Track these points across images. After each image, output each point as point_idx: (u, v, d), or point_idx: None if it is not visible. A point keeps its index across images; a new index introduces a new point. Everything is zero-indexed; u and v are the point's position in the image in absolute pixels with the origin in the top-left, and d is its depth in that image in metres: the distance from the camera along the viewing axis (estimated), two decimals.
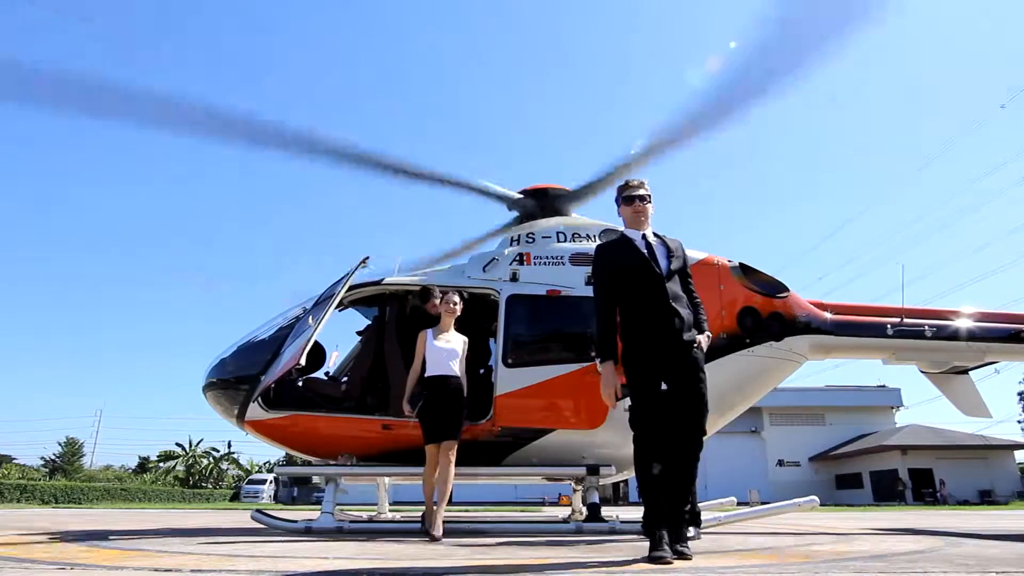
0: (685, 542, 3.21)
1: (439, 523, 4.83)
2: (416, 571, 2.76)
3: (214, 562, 3.11)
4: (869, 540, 4.97)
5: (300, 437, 6.30)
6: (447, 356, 5.24)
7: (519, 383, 6.16)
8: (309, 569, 2.89)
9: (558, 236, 7.11)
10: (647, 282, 3.57)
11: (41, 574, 2.73)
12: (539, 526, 6.49)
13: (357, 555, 3.56)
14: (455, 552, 3.79)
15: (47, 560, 3.22)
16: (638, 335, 3.52)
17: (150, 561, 3.15)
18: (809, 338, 6.84)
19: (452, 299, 5.46)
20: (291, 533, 5.43)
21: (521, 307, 6.48)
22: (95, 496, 31.01)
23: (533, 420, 6.11)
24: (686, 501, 3.44)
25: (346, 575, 2.74)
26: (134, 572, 2.75)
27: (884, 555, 3.55)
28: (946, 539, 5.07)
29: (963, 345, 7.16)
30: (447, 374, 5.20)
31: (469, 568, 2.91)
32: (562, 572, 2.76)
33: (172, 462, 51.62)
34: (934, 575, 2.66)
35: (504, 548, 4.10)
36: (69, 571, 2.78)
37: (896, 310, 7.27)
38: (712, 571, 2.77)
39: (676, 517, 3.27)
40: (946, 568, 2.88)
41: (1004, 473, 36.54)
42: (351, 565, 3.08)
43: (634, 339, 3.53)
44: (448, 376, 5.19)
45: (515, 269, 6.68)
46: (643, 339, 3.50)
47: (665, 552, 3.06)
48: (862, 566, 2.96)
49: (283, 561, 3.25)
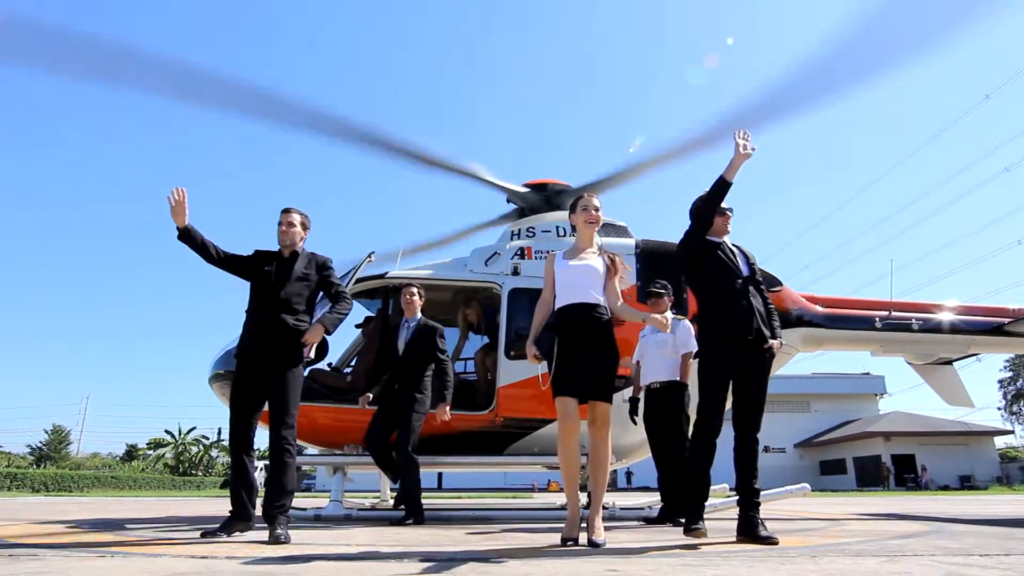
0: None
1: (599, 526, 3.43)
2: (461, 555, 2.92)
3: (244, 549, 3.26)
4: (860, 525, 5.20)
5: (306, 427, 6.42)
6: (584, 278, 3.70)
7: (521, 375, 6.33)
8: (331, 552, 3.05)
9: (558, 230, 7.27)
10: None
11: (82, 560, 2.85)
12: (541, 513, 6.70)
13: (376, 542, 3.72)
14: (469, 539, 3.96)
15: (82, 545, 3.35)
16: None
17: (182, 549, 3.29)
18: (801, 331, 7.07)
19: (592, 203, 3.89)
20: (300, 520, 5.57)
21: (522, 300, 6.64)
22: (85, 484, 30.99)
23: (534, 411, 6.29)
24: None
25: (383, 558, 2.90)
26: (172, 559, 2.88)
27: (876, 540, 3.76)
28: (931, 524, 5.32)
29: (948, 338, 7.43)
30: (588, 301, 3.66)
31: (494, 552, 3.07)
32: (576, 557, 2.94)
33: (162, 450, 51.49)
34: (923, 557, 2.87)
35: (515, 535, 4.28)
36: (110, 558, 2.92)
37: (884, 304, 7.53)
38: (718, 555, 2.96)
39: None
40: (934, 552, 3.09)
41: (984, 459, 37.39)
42: (377, 550, 3.24)
43: None
44: (585, 304, 3.64)
45: (516, 263, 6.84)
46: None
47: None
48: (858, 550, 3.17)
49: (308, 548, 3.41)
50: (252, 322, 4.13)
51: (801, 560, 2.76)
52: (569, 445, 3.49)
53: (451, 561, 2.75)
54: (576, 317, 3.58)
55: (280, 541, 3.59)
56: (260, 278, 4.17)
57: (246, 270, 4.22)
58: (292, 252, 4.23)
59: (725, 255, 3.91)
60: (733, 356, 3.71)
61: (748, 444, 3.73)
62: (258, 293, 4.15)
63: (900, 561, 2.73)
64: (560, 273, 3.74)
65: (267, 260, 4.22)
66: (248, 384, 4.05)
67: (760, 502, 3.62)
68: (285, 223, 4.24)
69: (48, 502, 13.08)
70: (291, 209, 4.31)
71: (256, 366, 4.03)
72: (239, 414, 4.03)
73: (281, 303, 4.07)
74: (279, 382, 3.99)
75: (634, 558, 2.91)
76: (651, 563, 2.69)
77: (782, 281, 7.16)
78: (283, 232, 4.23)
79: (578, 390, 3.51)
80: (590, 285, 3.65)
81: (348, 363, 7.76)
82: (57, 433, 56.90)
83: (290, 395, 4.01)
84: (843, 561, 2.72)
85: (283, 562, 2.78)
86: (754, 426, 3.77)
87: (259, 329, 4.06)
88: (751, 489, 3.59)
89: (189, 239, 4.08)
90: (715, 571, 2.46)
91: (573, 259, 3.77)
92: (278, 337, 4.02)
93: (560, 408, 3.50)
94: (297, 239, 4.27)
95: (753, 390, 3.78)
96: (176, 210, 4.01)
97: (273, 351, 4.02)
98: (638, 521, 5.73)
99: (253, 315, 4.14)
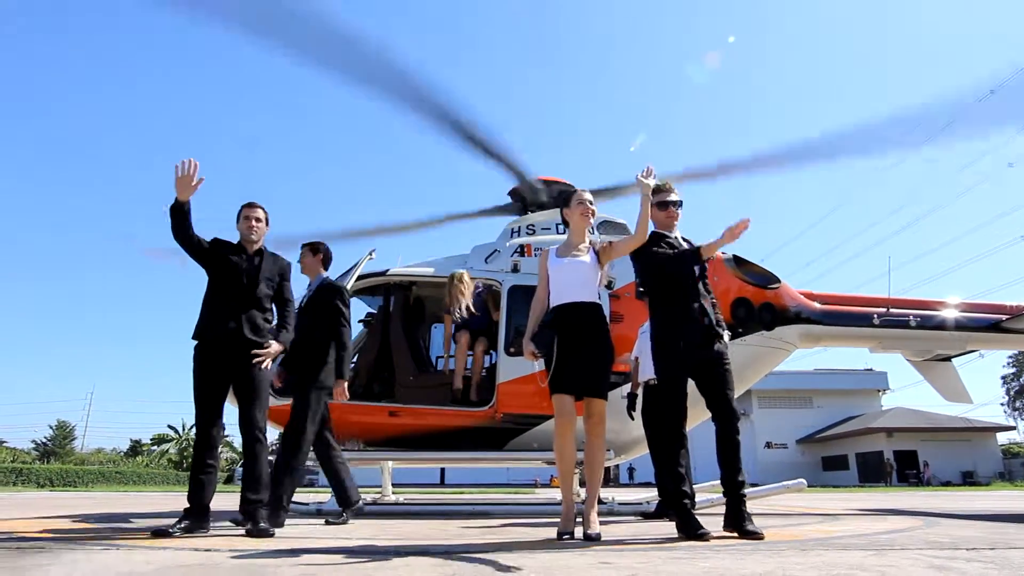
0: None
1: (594, 519, 3.47)
2: (457, 548, 2.99)
3: (246, 543, 3.34)
4: (854, 520, 5.27)
5: None
6: (577, 276, 3.79)
7: (520, 371, 6.39)
8: (331, 546, 3.12)
9: (558, 228, 7.33)
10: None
11: (88, 552, 2.93)
12: (540, 507, 6.77)
13: (377, 535, 3.80)
14: (466, 532, 4.03)
15: (88, 539, 3.43)
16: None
17: (186, 542, 3.36)
18: (799, 327, 7.12)
19: (586, 197, 3.96)
20: (302, 515, 5.65)
21: (522, 297, 6.69)
22: (90, 479, 31.12)
23: (534, 407, 6.35)
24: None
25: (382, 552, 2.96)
26: (175, 552, 2.95)
27: (866, 534, 3.82)
28: (925, 519, 5.38)
29: (946, 334, 7.47)
30: (581, 300, 3.75)
31: (490, 545, 3.14)
32: (570, 550, 3.00)
33: (166, 445, 51.74)
34: (910, 551, 2.92)
35: (512, 529, 4.35)
36: (115, 551, 3.00)
37: (882, 300, 7.57)
38: (707, 548, 3.02)
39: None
40: (921, 546, 3.14)
41: (986, 454, 37.36)
42: (375, 544, 3.32)
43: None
44: (582, 303, 3.74)
45: (516, 260, 6.90)
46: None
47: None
48: (847, 543, 3.23)
49: (308, 541, 3.49)
50: (220, 315, 3.99)
51: (789, 553, 2.82)
52: (565, 441, 3.58)
53: (447, 554, 2.82)
54: (571, 316, 3.66)
55: (266, 533, 3.62)
56: (227, 270, 4.07)
57: (207, 258, 4.09)
58: (257, 250, 4.18)
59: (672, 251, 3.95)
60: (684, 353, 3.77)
61: (726, 436, 3.68)
62: (224, 285, 4.05)
63: (886, 554, 2.79)
64: (553, 271, 3.82)
65: (232, 252, 4.14)
66: (213, 373, 3.95)
67: (746, 495, 3.65)
68: (252, 218, 4.17)
69: (54, 497, 13.21)
70: (255, 204, 4.22)
71: (219, 355, 3.94)
72: (205, 405, 3.92)
73: (253, 301, 4.03)
74: (249, 375, 3.94)
75: (626, 551, 2.98)
76: (642, 556, 2.75)
77: (780, 278, 7.21)
78: (249, 227, 4.16)
79: (574, 387, 3.58)
80: (584, 283, 3.74)
81: (351, 360, 7.84)
82: (61, 429, 57.22)
83: (259, 380, 3.96)
84: (831, 554, 2.78)
85: (283, 555, 2.85)
86: (725, 414, 3.70)
87: (221, 319, 3.96)
88: (735, 482, 3.63)
89: (180, 215, 3.92)
90: (705, 563, 2.52)
91: (566, 256, 3.84)
92: (250, 332, 3.95)
93: (557, 405, 3.59)
94: (262, 235, 4.24)
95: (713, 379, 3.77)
96: (184, 181, 3.84)
97: (242, 345, 3.94)
98: (635, 516, 5.79)
99: (215, 304, 4.03)
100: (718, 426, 3.71)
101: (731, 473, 3.63)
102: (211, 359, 3.97)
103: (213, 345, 3.97)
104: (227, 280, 4.07)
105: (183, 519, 3.76)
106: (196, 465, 3.91)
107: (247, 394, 3.96)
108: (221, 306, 4.03)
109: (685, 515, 3.54)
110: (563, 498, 3.62)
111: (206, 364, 3.97)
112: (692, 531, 3.42)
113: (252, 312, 4.02)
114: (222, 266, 4.09)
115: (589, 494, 3.62)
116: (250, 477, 3.91)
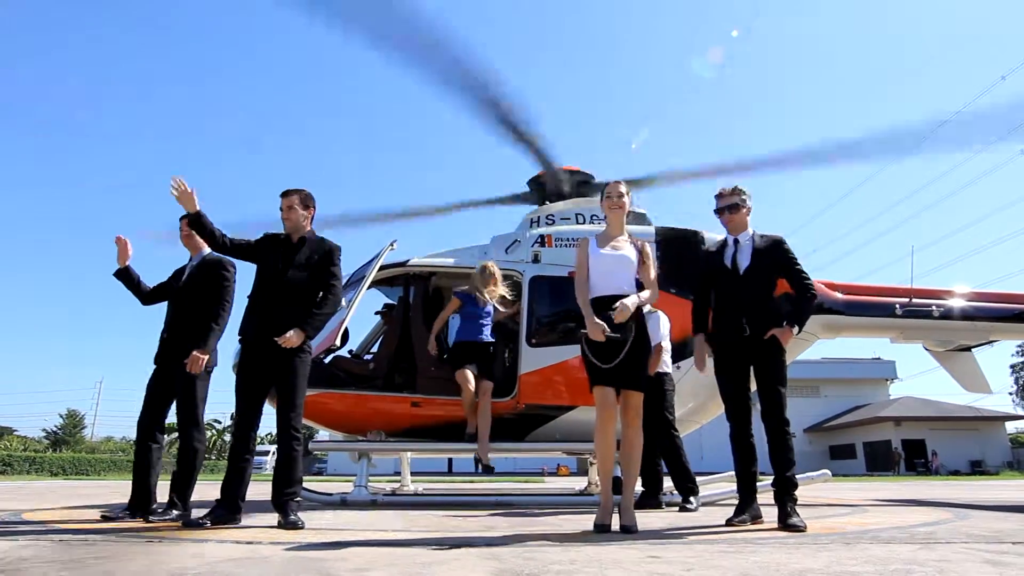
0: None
1: (631, 511, 3.52)
2: (498, 541, 2.99)
3: (285, 535, 3.34)
4: (881, 512, 5.25)
5: (330, 414, 6.52)
6: (617, 268, 3.78)
7: (542, 362, 6.39)
8: (372, 538, 3.12)
9: (577, 218, 7.30)
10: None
11: (132, 545, 2.93)
12: (561, 498, 6.79)
13: (410, 527, 3.80)
14: (497, 523, 4.03)
15: (131, 530, 3.44)
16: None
17: (227, 534, 3.37)
18: (821, 318, 7.07)
19: (617, 190, 3.98)
20: (328, 505, 5.67)
21: (543, 288, 6.67)
22: (102, 468, 31.38)
23: (556, 398, 6.34)
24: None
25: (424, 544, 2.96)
26: (217, 545, 2.96)
27: (903, 526, 3.81)
28: (954, 511, 5.36)
29: (968, 324, 7.41)
30: (625, 293, 3.70)
31: (530, 536, 3.13)
32: (615, 543, 3.00)
33: (175, 434, 52.10)
34: (955, 544, 2.91)
35: (543, 519, 4.34)
36: (158, 543, 3.00)
37: (904, 290, 7.51)
38: (753, 542, 3.01)
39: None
40: (965, 539, 3.13)
41: (995, 444, 37.33)
42: (408, 536, 3.32)
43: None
44: (621, 296, 3.67)
45: (537, 251, 6.86)
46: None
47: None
48: (889, 536, 3.21)
49: (347, 533, 3.49)
50: (256, 309, 4.02)
51: (835, 547, 2.81)
52: (607, 434, 3.56)
53: (490, 546, 2.82)
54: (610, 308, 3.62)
55: (297, 526, 3.61)
56: (265, 263, 4.09)
57: (253, 255, 4.15)
58: (300, 237, 4.15)
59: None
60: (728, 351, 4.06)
61: (773, 434, 4.02)
62: (262, 279, 4.08)
63: (935, 548, 2.77)
64: (594, 261, 3.77)
65: (275, 245, 4.14)
66: (255, 372, 3.97)
67: (796, 495, 3.71)
68: (284, 207, 4.14)
69: (70, 486, 13.30)
70: (289, 191, 4.17)
71: (261, 354, 3.93)
72: (246, 403, 3.95)
73: (286, 291, 3.98)
74: (286, 369, 3.91)
75: (672, 544, 2.97)
76: (689, 550, 2.74)
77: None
78: (284, 218, 4.15)
79: (615, 380, 3.56)
80: (625, 276, 3.72)
81: (369, 350, 7.84)
82: (72, 418, 57.73)
83: (298, 382, 3.93)
84: (876, 548, 2.76)
85: (328, 548, 2.85)
86: (770, 414, 4.10)
87: (263, 317, 3.96)
88: (784, 480, 3.68)
89: (199, 225, 4.01)
90: (754, 557, 2.51)
91: (605, 247, 3.80)
92: (282, 326, 3.88)
93: (598, 397, 3.58)
94: (301, 220, 4.16)
95: (760, 377, 4.14)
96: (185, 198, 3.93)
97: (275, 345, 3.87)
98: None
99: (257, 301, 4.04)
100: (765, 425, 4.22)
101: (780, 470, 3.96)
102: (249, 358, 4.00)
103: (253, 345, 4.00)
104: (262, 275, 4.10)
105: (214, 510, 3.77)
106: (233, 457, 3.94)
107: (281, 396, 3.94)
108: (256, 303, 4.05)
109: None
110: (602, 491, 3.60)
111: (244, 363, 4.01)
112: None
113: (285, 308, 3.95)
114: (260, 262, 4.13)
115: (625, 486, 3.61)
116: (284, 476, 3.86)
